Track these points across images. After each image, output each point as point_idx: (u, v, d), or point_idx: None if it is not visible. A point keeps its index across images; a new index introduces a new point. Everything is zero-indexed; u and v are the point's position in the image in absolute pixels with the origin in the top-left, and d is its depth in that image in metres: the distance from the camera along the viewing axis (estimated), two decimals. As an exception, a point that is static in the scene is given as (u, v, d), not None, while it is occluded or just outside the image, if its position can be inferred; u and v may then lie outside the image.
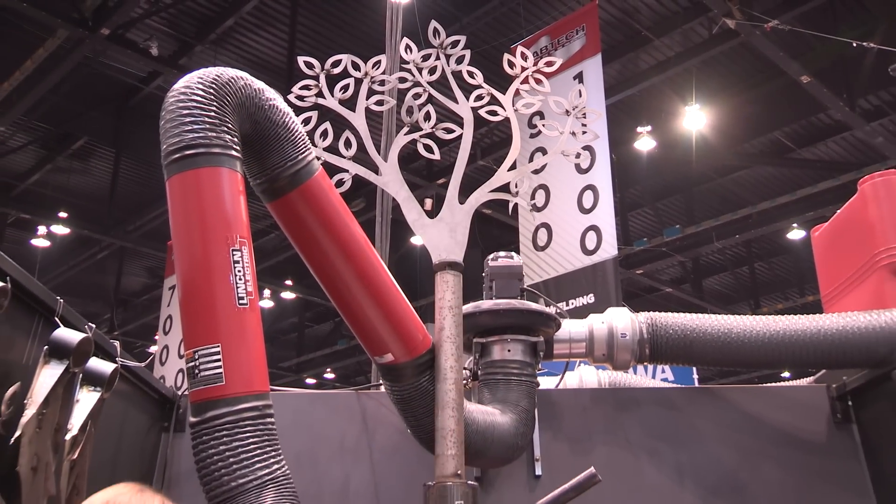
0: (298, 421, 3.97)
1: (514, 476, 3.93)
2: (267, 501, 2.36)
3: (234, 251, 2.47)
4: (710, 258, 19.98)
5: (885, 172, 4.56)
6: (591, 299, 8.05)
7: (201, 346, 2.42)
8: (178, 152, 2.54)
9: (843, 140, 14.66)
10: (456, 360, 3.12)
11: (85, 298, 20.91)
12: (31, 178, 16.54)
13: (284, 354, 24.20)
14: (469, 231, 3.35)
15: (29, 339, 2.61)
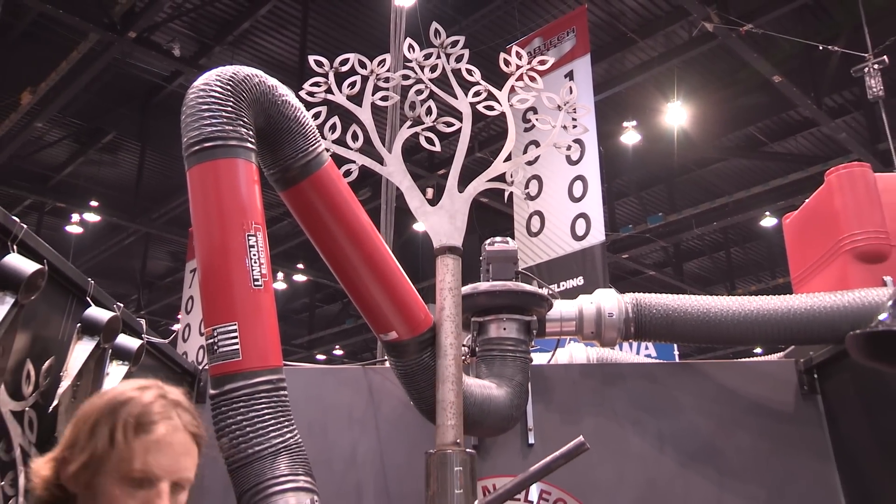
0: (310, 394, 3.97)
1: (509, 445, 3.93)
2: (281, 467, 2.36)
3: (249, 236, 2.47)
4: (690, 243, 19.99)
5: (849, 165, 4.58)
6: (580, 281, 8.04)
7: (220, 324, 2.42)
8: (198, 145, 2.54)
9: (811, 135, 14.69)
10: (455, 337, 3.12)
11: (114, 280, 20.90)
12: (66, 170, 16.56)
13: (296, 332, 24.22)
14: (467, 218, 3.34)
15: (63, 318, 2.61)
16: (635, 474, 3.87)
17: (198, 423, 1.89)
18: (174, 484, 1.77)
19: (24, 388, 2.37)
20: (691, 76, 13.05)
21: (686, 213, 16.39)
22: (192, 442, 1.84)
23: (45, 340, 2.51)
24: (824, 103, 12.98)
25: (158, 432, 1.74)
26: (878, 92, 9.41)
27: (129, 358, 2.83)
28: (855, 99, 13.26)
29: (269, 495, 2.31)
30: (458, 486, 2.90)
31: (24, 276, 2.15)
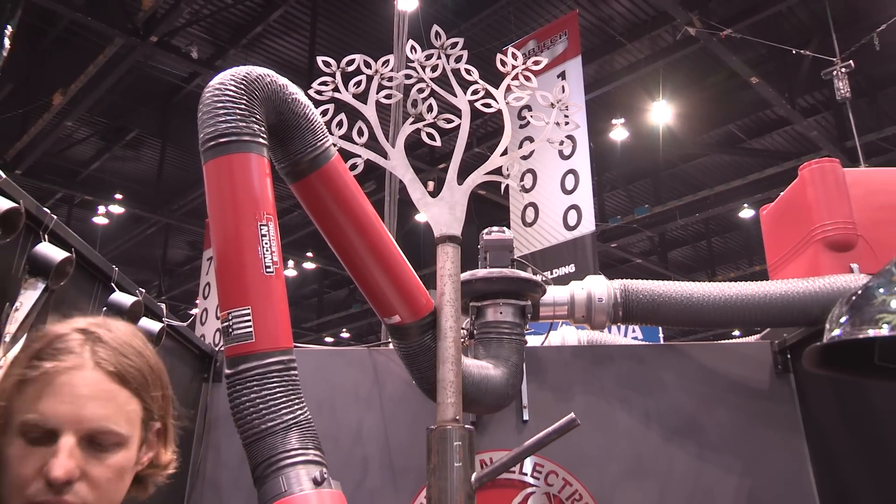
0: (318, 373, 3.97)
1: (505, 421, 3.93)
2: (292, 441, 2.36)
3: (261, 226, 2.46)
4: (674, 233, 20.00)
5: (820, 160, 4.61)
6: (571, 269, 8.03)
7: (234, 308, 2.41)
8: (213, 140, 2.53)
9: (785, 133, 14.73)
10: (455, 321, 3.11)
11: (137, 268, 20.93)
12: (93, 166, 16.61)
13: (306, 316, 24.25)
14: (466, 209, 3.33)
15: (90, 302, 2.62)
16: (622, 448, 3.88)
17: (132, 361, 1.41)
18: (87, 438, 1.31)
19: (56, 368, 2.37)
20: (675, 77, 13.05)
21: (670, 204, 16.41)
22: (112, 382, 1.36)
23: (74, 324, 2.51)
24: (797, 103, 13.08)
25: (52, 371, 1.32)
26: (845, 93, 9.57)
27: (151, 339, 2.83)
28: (825, 100, 13.36)
29: (282, 467, 2.31)
30: (457, 460, 2.90)
31: (54, 264, 2.17)
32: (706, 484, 3.81)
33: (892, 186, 4.63)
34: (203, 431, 3.90)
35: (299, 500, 2.26)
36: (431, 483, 2.91)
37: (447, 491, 2.86)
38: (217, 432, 3.91)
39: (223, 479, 3.85)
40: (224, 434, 3.88)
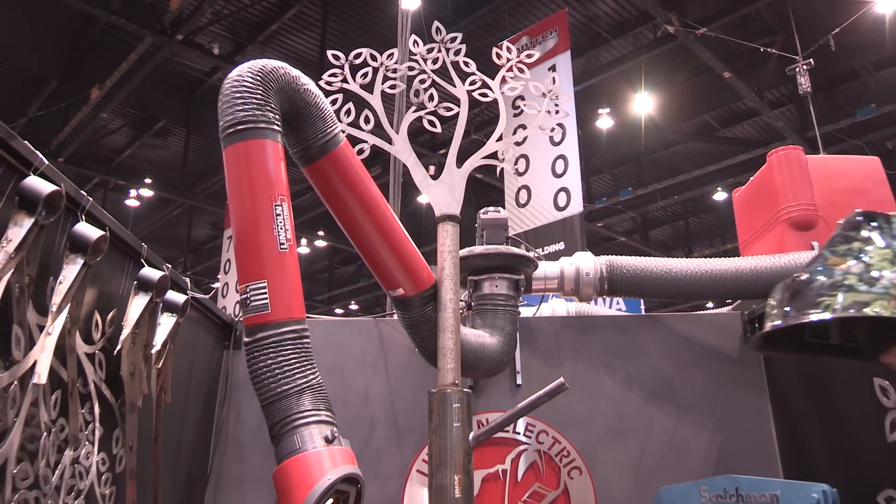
0: (329, 341, 3.97)
1: (500, 385, 3.93)
2: (305, 403, 2.36)
3: (276, 206, 2.45)
4: (655, 214, 19.99)
5: (786, 148, 4.63)
6: (561, 246, 8.02)
7: (252, 281, 2.41)
8: (232, 128, 2.52)
9: (754, 123, 14.75)
10: (454, 293, 3.11)
11: (164, 246, 20.95)
12: (125, 153, 16.65)
13: (318, 290, 24.28)
14: (465, 190, 3.31)
15: (123, 276, 2.62)
16: (607, 409, 3.88)
17: None
18: None
19: (94, 335, 2.41)
20: (656, 71, 13.02)
21: (651, 187, 16.41)
22: None
23: (109, 295, 2.53)
24: (765, 96, 13.20)
25: None
26: (807, 88, 9.71)
27: (177, 310, 2.84)
28: (789, 93, 13.45)
29: (296, 426, 2.32)
30: (456, 420, 2.90)
31: (91, 241, 2.18)
32: (681, 440, 3.81)
33: (848, 172, 4.66)
34: (225, 394, 3.91)
35: (312, 456, 2.26)
36: (433, 441, 2.92)
37: (447, 448, 2.87)
38: (238, 395, 3.92)
39: (244, 437, 3.85)
40: (244, 397, 3.88)
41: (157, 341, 2.69)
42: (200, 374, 3.67)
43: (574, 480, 3.77)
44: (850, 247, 1.41)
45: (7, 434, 1.80)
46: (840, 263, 1.41)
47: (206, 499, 3.72)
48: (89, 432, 2.31)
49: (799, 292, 1.43)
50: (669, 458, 3.80)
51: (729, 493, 2.97)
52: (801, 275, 1.45)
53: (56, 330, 1.98)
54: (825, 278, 1.40)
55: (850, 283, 1.36)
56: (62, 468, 2.12)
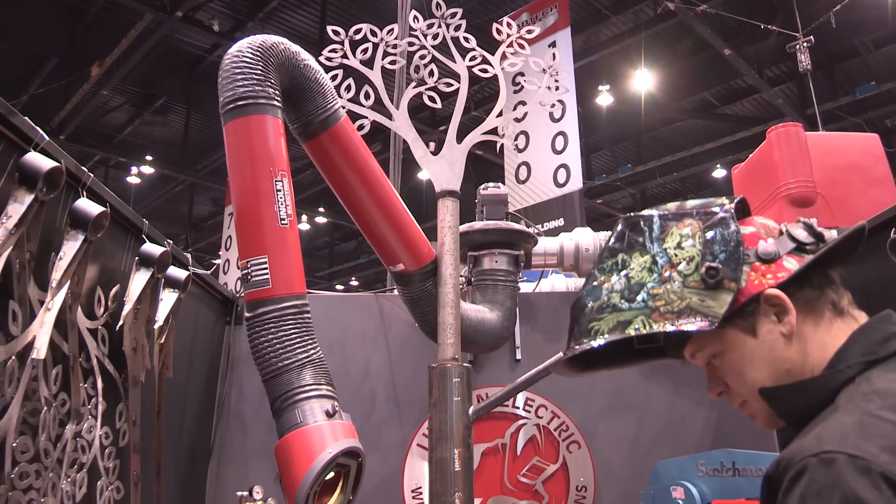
0: (330, 316, 3.97)
1: (500, 360, 3.94)
2: (306, 377, 2.35)
3: (276, 182, 2.44)
4: (654, 191, 19.91)
5: (786, 124, 4.59)
6: (561, 222, 8.00)
7: (253, 257, 2.40)
8: (232, 103, 2.50)
9: (754, 100, 14.62)
10: (454, 269, 3.10)
11: (166, 223, 20.90)
12: (126, 130, 16.54)
13: (318, 266, 24.26)
14: (464, 167, 3.30)
15: (124, 252, 2.62)
16: (605, 384, 3.89)
17: None
18: None
19: (97, 310, 2.41)
20: (656, 48, 12.92)
21: (651, 164, 16.34)
22: None
23: (111, 271, 2.53)
24: (765, 74, 13.04)
25: None
26: (807, 65, 9.61)
27: (179, 286, 2.83)
28: (789, 71, 13.32)
29: (297, 401, 2.32)
30: (456, 394, 2.90)
31: (92, 217, 2.17)
32: (679, 415, 3.82)
33: (847, 149, 4.64)
34: (227, 369, 3.92)
35: (314, 430, 2.26)
36: (433, 415, 2.92)
37: (447, 422, 2.87)
38: (239, 370, 3.92)
39: (246, 411, 3.87)
40: (246, 372, 3.89)
41: (159, 317, 2.69)
42: (202, 350, 3.68)
43: (573, 454, 3.79)
44: (616, 260, 1.36)
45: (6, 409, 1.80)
46: (606, 281, 1.35)
47: (209, 472, 3.74)
48: (92, 406, 2.32)
49: (576, 319, 1.40)
50: (667, 432, 3.81)
51: (726, 467, 2.98)
52: (578, 297, 1.41)
53: (56, 305, 1.97)
54: (593, 301, 1.35)
55: (614, 303, 1.31)
56: (64, 442, 2.12)
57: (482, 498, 3.70)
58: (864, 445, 0.94)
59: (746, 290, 1.22)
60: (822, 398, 1.13)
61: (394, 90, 4.79)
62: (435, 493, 2.84)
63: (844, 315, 1.23)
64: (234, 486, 3.39)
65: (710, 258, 1.25)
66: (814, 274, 1.23)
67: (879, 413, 1.01)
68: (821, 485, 0.93)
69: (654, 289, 1.28)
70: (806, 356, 1.21)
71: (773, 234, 1.28)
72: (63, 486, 2.11)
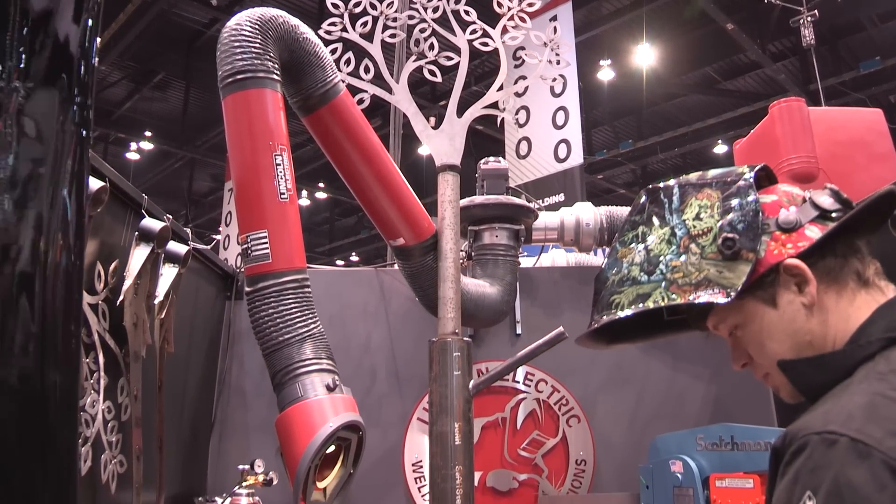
0: (330, 291, 3.97)
1: (500, 334, 3.94)
2: (307, 351, 2.36)
3: (276, 156, 2.43)
4: (655, 166, 19.85)
5: (788, 99, 4.56)
6: (561, 198, 8.00)
7: (253, 231, 2.40)
8: (231, 77, 2.49)
9: (756, 76, 14.54)
10: (454, 243, 3.09)
11: (166, 199, 20.84)
12: (125, 106, 16.47)
13: (319, 242, 24.27)
14: (465, 142, 3.28)
15: (124, 227, 2.62)
16: (605, 359, 3.90)
17: None
18: None
19: (97, 285, 2.41)
20: (658, 22, 12.82)
21: (652, 140, 16.28)
22: None
23: (110, 246, 2.53)
24: (767, 49, 12.92)
25: None
26: (810, 40, 9.50)
27: (179, 261, 2.83)
28: (792, 46, 13.21)
29: (297, 375, 2.32)
30: (456, 369, 2.91)
31: (91, 192, 2.15)
32: (678, 390, 3.84)
33: (850, 124, 4.61)
34: (227, 345, 3.93)
35: (314, 403, 2.27)
36: (433, 390, 2.93)
37: (447, 397, 2.88)
38: (240, 345, 3.93)
39: (247, 386, 3.88)
40: (246, 347, 3.90)
41: (159, 292, 2.69)
42: (203, 325, 3.68)
43: (572, 428, 3.81)
44: (637, 233, 1.35)
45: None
46: (627, 254, 1.34)
47: (211, 446, 3.76)
48: (94, 381, 2.33)
49: (598, 291, 1.39)
50: (666, 406, 3.83)
51: (724, 441, 2.99)
52: (600, 270, 1.41)
53: (57, 280, 1.97)
54: (615, 274, 1.35)
55: (634, 276, 1.31)
56: (67, 416, 2.13)
57: (482, 471, 3.73)
58: (869, 429, 0.93)
59: (765, 260, 1.20)
60: (840, 374, 1.11)
61: (394, 64, 4.77)
62: (435, 467, 2.85)
63: (870, 286, 1.20)
64: (236, 460, 3.41)
65: (728, 229, 1.23)
66: (837, 243, 1.20)
67: (892, 394, 0.99)
68: (817, 464, 0.93)
69: (672, 261, 1.27)
70: (828, 328, 1.18)
71: (795, 203, 1.25)
72: (66, 460, 2.13)
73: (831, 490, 0.90)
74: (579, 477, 3.75)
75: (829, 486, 0.90)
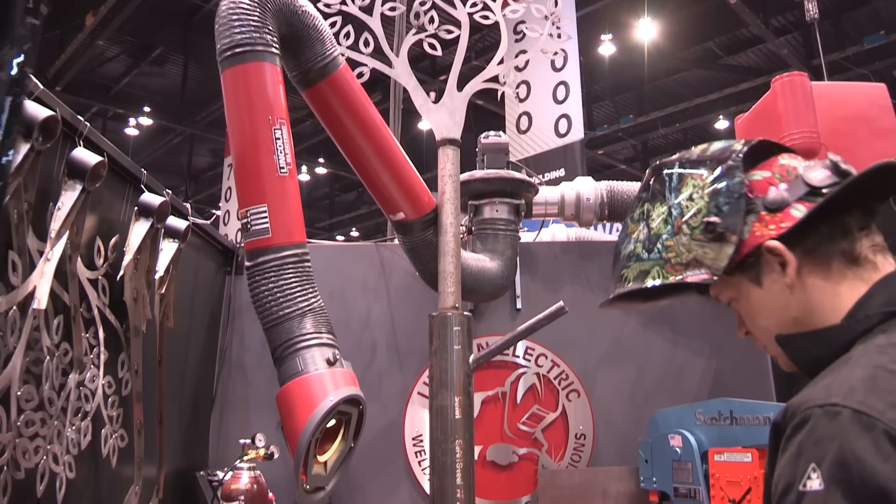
0: (331, 266, 3.97)
1: (500, 309, 3.95)
2: (307, 325, 2.36)
3: (275, 130, 2.42)
4: (656, 142, 19.77)
5: (791, 73, 4.52)
6: (562, 173, 7.98)
7: (252, 205, 2.39)
8: (230, 51, 2.47)
9: (759, 51, 14.41)
10: (455, 217, 3.09)
11: (166, 174, 20.78)
12: (123, 81, 16.35)
13: (319, 217, 24.22)
14: (465, 116, 3.26)
15: (123, 202, 2.60)
16: (605, 333, 3.91)
17: None
18: None
19: (97, 261, 2.40)
20: (660, -5, 12.75)
21: (653, 115, 16.19)
22: None
23: (110, 221, 2.52)
24: (770, 23, 12.81)
25: None
26: (814, 15, 9.37)
27: (179, 236, 2.82)
28: (795, 20, 13.07)
29: (298, 349, 2.33)
30: (456, 343, 2.92)
31: (89, 167, 2.15)
32: (678, 365, 3.85)
33: (852, 99, 4.58)
34: (228, 319, 3.93)
35: (314, 378, 2.27)
36: (433, 363, 2.94)
37: (448, 371, 2.89)
38: (241, 320, 3.94)
39: (247, 360, 3.89)
40: (247, 321, 3.91)
41: (159, 267, 2.69)
42: (203, 300, 3.68)
43: (572, 403, 3.82)
44: (643, 210, 1.39)
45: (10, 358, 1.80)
46: (634, 231, 1.39)
47: (212, 420, 3.78)
48: (94, 356, 2.33)
49: (614, 264, 1.44)
50: (666, 381, 3.84)
51: (723, 416, 3.01)
52: (616, 243, 1.46)
53: (55, 256, 1.97)
54: (625, 248, 1.40)
55: (638, 252, 1.36)
56: (67, 391, 2.13)
57: (482, 445, 3.75)
58: (871, 401, 0.94)
59: (749, 241, 1.22)
60: (838, 348, 1.12)
61: (393, 38, 4.73)
62: (435, 441, 2.87)
63: (862, 263, 1.20)
64: (237, 434, 3.43)
65: (715, 210, 1.25)
66: (822, 222, 1.20)
67: (893, 367, 1.00)
68: (820, 436, 0.94)
69: (667, 240, 1.31)
70: (816, 305, 1.20)
71: (788, 179, 1.24)
72: (68, 434, 2.14)
73: (836, 461, 0.90)
74: (579, 451, 3.77)
75: (833, 457, 0.90)
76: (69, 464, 2.14)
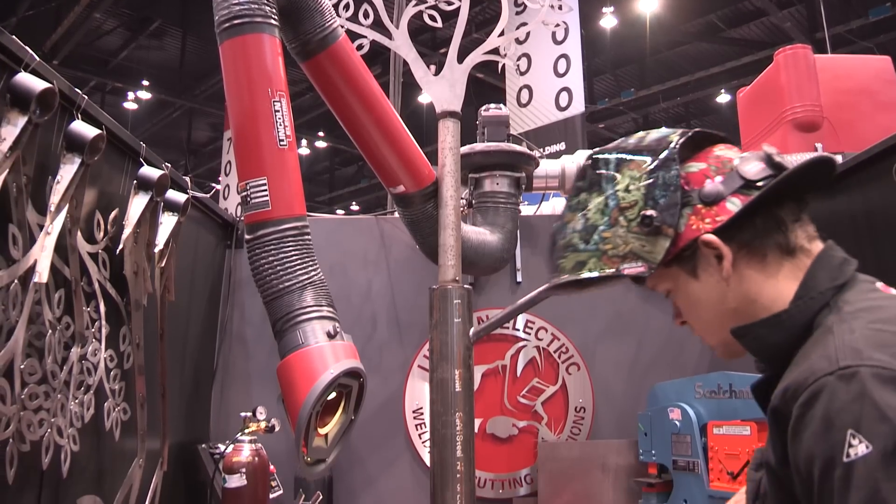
0: (331, 239, 3.97)
1: (500, 282, 3.95)
2: (307, 299, 2.36)
3: (274, 102, 2.40)
4: (657, 116, 19.69)
5: (794, 46, 4.49)
6: (562, 146, 7.96)
7: (252, 179, 2.38)
8: (228, 22, 2.44)
9: (762, 24, 14.31)
10: (455, 190, 3.08)
11: (165, 148, 20.72)
12: (121, 55, 16.26)
13: (319, 191, 24.22)
14: (465, 91, 3.24)
15: (122, 176, 2.60)
16: (604, 307, 3.91)
17: None
18: None
19: (97, 234, 2.40)
20: (662, -33, 12.62)
21: (654, 89, 16.12)
22: None
23: (109, 195, 2.51)
24: (774, -5, 12.66)
25: None
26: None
27: (178, 209, 2.82)
28: (798, -7, 12.96)
29: (298, 322, 2.32)
30: (456, 316, 2.92)
31: (88, 140, 2.14)
32: (678, 339, 3.85)
33: (856, 72, 4.56)
34: (228, 293, 3.94)
35: (315, 351, 2.28)
36: (434, 337, 2.95)
37: (448, 344, 2.90)
38: (241, 293, 3.95)
39: (248, 334, 3.90)
40: (247, 295, 3.91)
41: (159, 240, 2.69)
42: (203, 273, 3.69)
43: (572, 376, 3.84)
44: (579, 200, 1.39)
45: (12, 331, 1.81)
46: (571, 220, 1.39)
47: (213, 394, 3.80)
48: (96, 330, 2.34)
49: (551, 252, 1.45)
50: (665, 355, 3.85)
51: (723, 389, 3.02)
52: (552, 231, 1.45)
53: (55, 229, 1.96)
54: (561, 238, 1.40)
55: (574, 243, 1.36)
56: (70, 364, 2.14)
57: (482, 418, 3.77)
58: (879, 356, 0.94)
59: (685, 235, 1.23)
60: (798, 329, 1.14)
61: (393, 9, 4.69)
62: (435, 414, 2.88)
63: (797, 254, 1.22)
64: (238, 407, 3.45)
65: (651, 203, 1.26)
66: (757, 216, 1.21)
67: (877, 326, 1.01)
68: (844, 401, 0.92)
69: (604, 232, 1.32)
70: (755, 296, 1.21)
71: (723, 171, 1.25)
72: (71, 407, 2.15)
73: (874, 416, 0.89)
74: (578, 424, 3.79)
75: (870, 413, 0.89)
76: (73, 436, 2.15)
